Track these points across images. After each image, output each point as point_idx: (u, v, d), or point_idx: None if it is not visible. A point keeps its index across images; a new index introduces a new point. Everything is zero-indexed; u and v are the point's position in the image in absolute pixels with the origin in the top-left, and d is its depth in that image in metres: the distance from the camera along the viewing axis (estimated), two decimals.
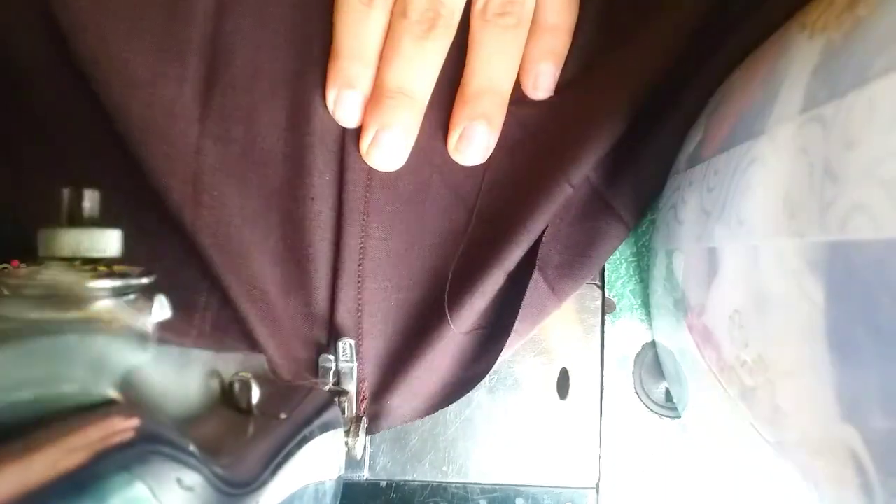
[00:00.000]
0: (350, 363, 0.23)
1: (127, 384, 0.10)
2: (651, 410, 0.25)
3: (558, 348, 0.25)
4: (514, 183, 0.24)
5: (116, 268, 0.13)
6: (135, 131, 0.22)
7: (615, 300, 0.26)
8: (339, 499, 0.16)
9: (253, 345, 0.23)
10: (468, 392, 0.24)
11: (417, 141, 0.23)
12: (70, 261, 0.12)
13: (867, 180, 0.11)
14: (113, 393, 0.09)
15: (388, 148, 0.22)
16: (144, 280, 0.13)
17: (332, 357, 0.23)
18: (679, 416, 0.25)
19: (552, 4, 0.23)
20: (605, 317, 0.26)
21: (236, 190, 0.23)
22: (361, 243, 0.24)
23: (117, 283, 0.12)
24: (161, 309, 0.11)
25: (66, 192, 0.13)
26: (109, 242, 0.12)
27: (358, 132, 0.23)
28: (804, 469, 0.13)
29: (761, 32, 0.19)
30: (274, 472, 0.12)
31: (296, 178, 0.23)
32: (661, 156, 0.23)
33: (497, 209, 0.24)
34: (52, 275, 0.12)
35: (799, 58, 0.15)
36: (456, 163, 0.24)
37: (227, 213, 0.23)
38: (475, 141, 0.23)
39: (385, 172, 0.24)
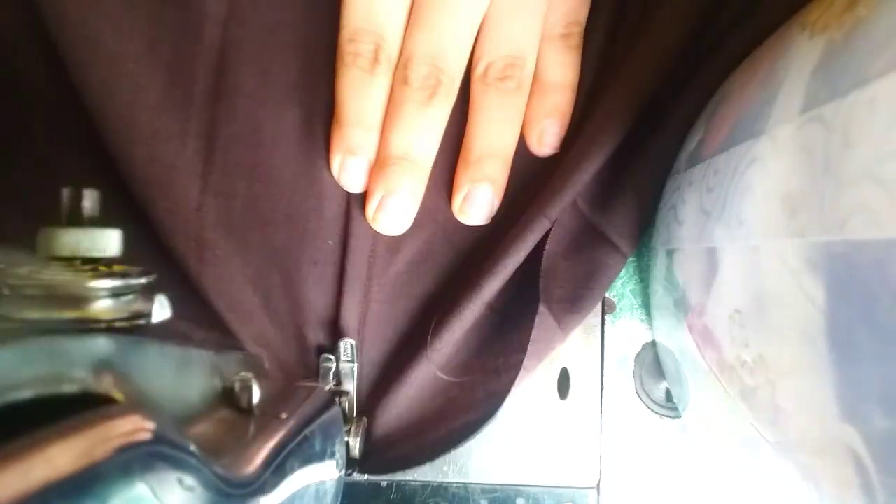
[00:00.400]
0: (351, 363, 0.23)
1: (127, 384, 0.10)
2: (651, 410, 0.25)
3: (558, 348, 0.25)
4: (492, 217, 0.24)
5: (116, 268, 0.13)
6: (137, 185, 0.22)
7: (615, 300, 0.26)
8: (339, 499, 0.16)
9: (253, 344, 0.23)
10: (474, 434, 0.23)
11: (422, 201, 0.24)
12: (70, 261, 0.12)
13: (867, 180, 0.11)
14: (113, 393, 0.09)
15: (394, 213, 0.23)
16: (144, 280, 0.13)
17: (332, 357, 0.23)
18: (679, 416, 0.25)
19: (554, 62, 0.23)
20: (606, 317, 0.26)
21: (238, 248, 0.23)
22: (363, 308, 0.24)
23: (117, 283, 0.12)
24: (161, 309, 0.11)
25: (65, 192, 0.13)
26: (109, 242, 0.12)
27: (362, 196, 0.23)
28: (804, 469, 0.13)
29: (761, 32, 0.19)
30: (275, 472, 0.12)
31: (299, 240, 0.23)
32: (650, 182, 0.23)
33: (475, 241, 0.24)
34: (52, 275, 0.12)
35: (799, 58, 0.15)
36: (459, 221, 0.24)
37: (229, 271, 0.23)
38: (479, 203, 0.23)
39: (389, 237, 0.24)
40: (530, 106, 0.24)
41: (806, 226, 0.13)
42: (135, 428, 0.09)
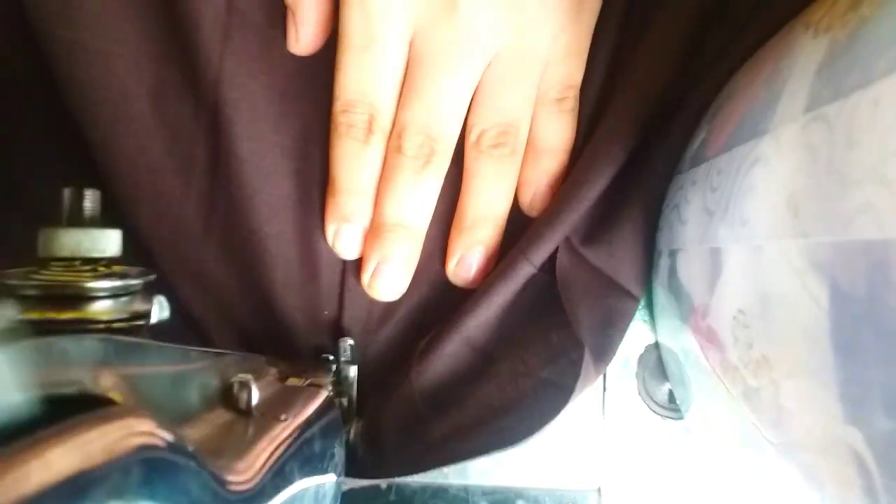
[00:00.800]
0: (351, 364, 0.23)
1: (126, 385, 0.09)
2: (654, 412, 0.25)
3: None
4: None
5: (116, 268, 0.12)
6: (143, 234, 0.23)
7: None
8: (339, 500, 0.16)
9: (252, 346, 0.23)
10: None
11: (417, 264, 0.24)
12: (70, 261, 0.12)
13: (872, 180, 0.11)
14: (112, 394, 0.09)
15: (390, 279, 0.23)
16: (143, 281, 0.13)
17: (332, 358, 0.23)
18: (682, 418, 0.25)
19: (549, 127, 0.23)
20: None
21: (232, 326, 0.24)
22: (358, 378, 0.24)
23: (117, 283, 0.12)
24: (160, 309, 0.11)
25: (66, 192, 0.13)
26: (109, 243, 0.12)
27: (357, 264, 0.24)
28: (807, 470, 0.13)
29: (764, 32, 0.19)
30: (274, 473, 0.11)
31: (296, 312, 0.24)
32: (646, 217, 0.23)
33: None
34: (52, 275, 0.12)
35: (803, 57, 0.15)
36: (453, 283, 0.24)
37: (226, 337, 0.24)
38: (472, 267, 0.23)
39: (385, 303, 0.24)
40: (524, 169, 0.24)
41: (810, 226, 0.13)
42: (133, 430, 0.09)
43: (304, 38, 0.22)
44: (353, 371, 0.23)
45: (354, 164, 0.22)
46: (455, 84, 0.22)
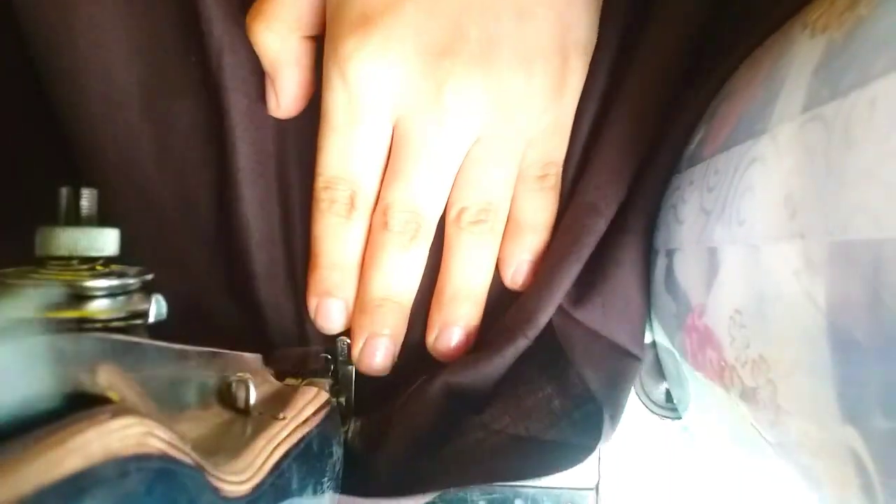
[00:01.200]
0: (349, 364, 0.23)
1: (123, 384, 0.09)
2: (651, 411, 0.25)
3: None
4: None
5: (114, 267, 0.12)
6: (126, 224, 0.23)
7: None
8: (336, 500, 0.16)
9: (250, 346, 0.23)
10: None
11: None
12: (67, 260, 0.12)
13: (869, 180, 0.11)
14: (109, 393, 0.09)
15: (380, 354, 0.23)
16: (141, 280, 0.13)
17: (330, 357, 0.23)
18: (679, 417, 0.25)
19: (530, 204, 0.24)
20: None
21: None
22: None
23: (114, 282, 0.12)
24: (158, 308, 0.11)
25: (63, 191, 0.13)
26: (107, 241, 0.12)
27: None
28: (805, 470, 0.13)
29: (761, 33, 0.19)
30: (273, 474, 0.11)
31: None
32: (640, 274, 0.23)
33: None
34: (50, 274, 0.12)
35: (800, 57, 0.15)
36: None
37: None
38: (451, 343, 0.23)
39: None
40: (505, 245, 0.24)
41: (807, 226, 0.13)
42: (131, 429, 0.09)
43: (283, 104, 0.23)
44: (351, 370, 0.23)
45: (336, 239, 0.22)
46: (439, 165, 0.22)
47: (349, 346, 0.23)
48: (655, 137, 0.23)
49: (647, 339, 0.25)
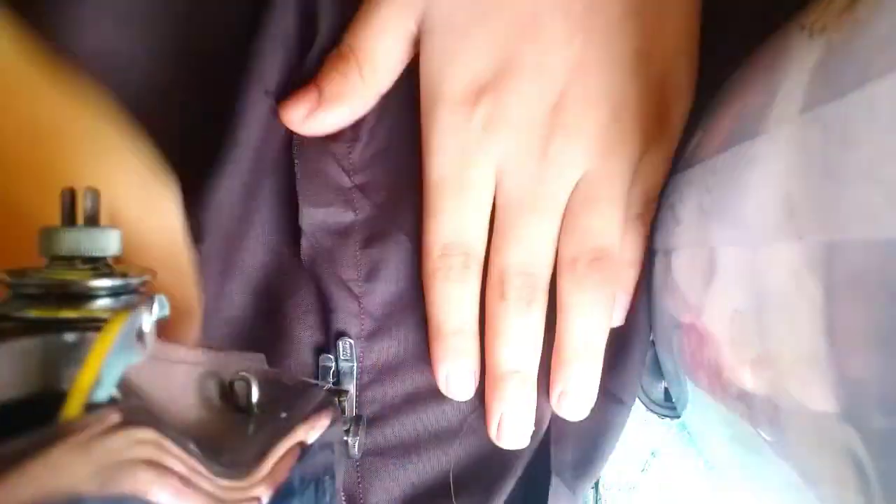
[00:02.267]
0: (350, 362, 0.23)
1: (126, 383, 0.09)
2: (650, 409, 0.25)
3: None
4: None
5: (116, 267, 0.12)
6: None
7: None
8: (336, 499, 0.16)
9: (252, 345, 0.23)
10: None
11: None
12: (69, 260, 0.12)
13: (866, 181, 0.11)
14: (114, 392, 0.09)
15: (518, 427, 0.23)
16: (144, 279, 0.13)
17: (331, 356, 0.23)
18: (678, 416, 0.25)
19: (627, 241, 0.23)
20: None
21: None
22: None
23: (117, 282, 0.12)
24: (161, 308, 0.11)
25: (65, 192, 0.13)
26: (109, 242, 0.12)
27: None
28: (804, 469, 0.13)
29: (760, 34, 0.19)
30: (275, 472, 0.11)
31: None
32: (637, 326, 0.23)
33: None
34: (52, 274, 0.12)
35: (798, 58, 0.15)
36: None
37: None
38: (577, 399, 0.23)
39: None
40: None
41: (805, 226, 0.13)
42: (133, 426, 0.09)
43: (316, 121, 0.22)
44: (352, 370, 0.23)
45: (457, 305, 0.22)
46: (548, 221, 0.22)
47: (350, 346, 0.23)
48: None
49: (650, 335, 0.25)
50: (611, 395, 0.23)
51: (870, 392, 0.11)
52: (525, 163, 0.22)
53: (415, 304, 0.24)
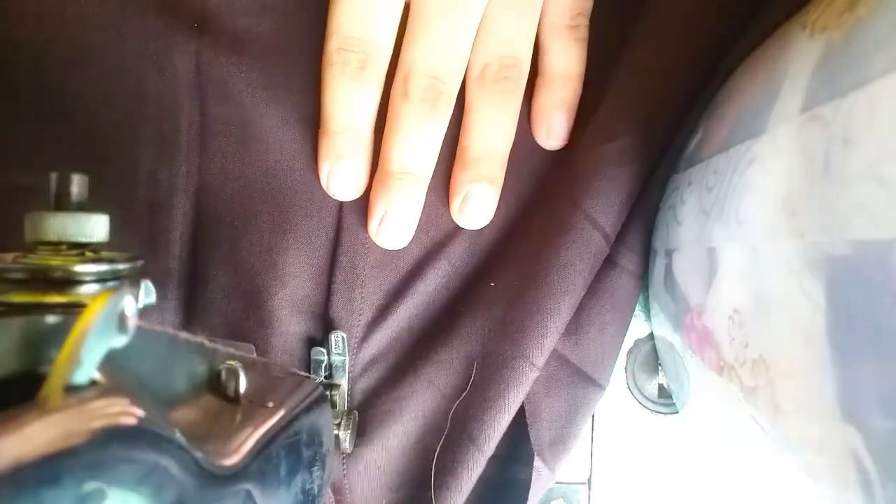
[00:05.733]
0: (342, 356, 0.23)
1: (110, 366, 0.09)
2: (643, 406, 0.25)
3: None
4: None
5: (103, 253, 0.12)
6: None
7: None
8: (326, 490, 0.16)
9: (242, 337, 0.23)
10: None
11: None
12: (57, 245, 0.12)
13: (867, 180, 0.11)
14: (95, 375, 0.09)
15: (397, 228, 0.22)
16: (131, 265, 0.12)
17: (324, 350, 0.23)
18: (672, 413, 0.25)
19: (561, 54, 0.23)
20: None
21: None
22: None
23: (103, 267, 0.12)
24: (147, 294, 0.11)
25: (53, 177, 0.13)
26: (96, 227, 0.12)
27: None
28: (805, 467, 0.13)
29: (761, 33, 0.19)
30: (260, 460, 0.11)
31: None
32: (620, 312, 0.23)
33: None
34: (39, 259, 0.12)
35: (799, 57, 0.15)
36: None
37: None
38: (479, 203, 0.23)
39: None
40: (538, 99, 0.23)
41: (806, 226, 0.13)
42: (115, 410, 0.08)
43: None
44: (344, 363, 0.23)
45: (347, 103, 0.22)
46: (460, 22, 0.21)
47: (343, 339, 0.23)
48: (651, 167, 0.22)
49: (645, 332, 0.25)
50: (581, 372, 0.23)
51: (871, 392, 0.11)
52: None
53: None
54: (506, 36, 0.22)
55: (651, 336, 0.24)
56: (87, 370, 0.09)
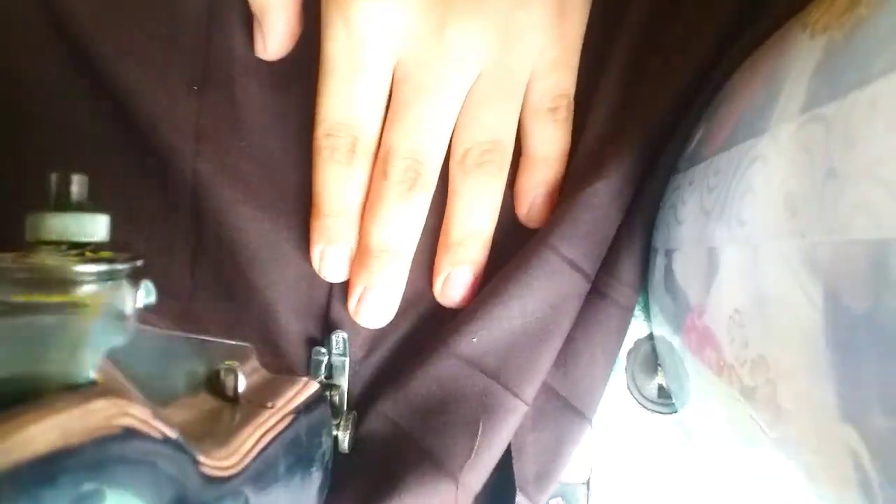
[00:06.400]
0: (343, 357, 0.23)
1: (109, 366, 0.09)
2: (643, 406, 0.25)
3: None
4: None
5: (103, 253, 0.12)
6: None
7: None
8: (325, 491, 0.16)
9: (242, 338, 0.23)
10: None
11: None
12: (57, 245, 0.12)
13: (868, 180, 0.11)
14: (94, 374, 0.09)
15: (376, 306, 0.23)
16: (131, 265, 0.12)
17: (324, 350, 0.23)
18: (671, 412, 0.25)
19: (543, 137, 0.23)
20: None
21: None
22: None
23: (103, 267, 0.12)
24: (147, 294, 0.11)
25: (54, 177, 0.13)
26: (97, 227, 0.12)
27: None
28: (804, 467, 0.13)
29: (762, 34, 0.19)
30: (258, 460, 0.11)
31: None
32: (610, 344, 0.23)
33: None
34: (39, 258, 0.12)
35: (800, 57, 0.15)
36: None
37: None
38: (459, 285, 0.23)
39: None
40: (520, 180, 0.24)
41: (806, 226, 0.13)
42: (114, 410, 0.08)
43: (271, 46, 0.23)
44: (344, 363, 0.23)
45: (338, 186, 0.22)
46: (441, 105, 0.22)
47: (343, 340, 0.23)
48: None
49: (644, 332, 0.25)
50: (568, 404, 0.23)
51: (871, 392, 0.11)
52: (422, 45, 0.21)
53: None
54: (488, 120, 0.22)
55: (651, 336, 0.24)
56: (87, 370, 0.09)
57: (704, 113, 0.21)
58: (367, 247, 0.22)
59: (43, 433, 0.07)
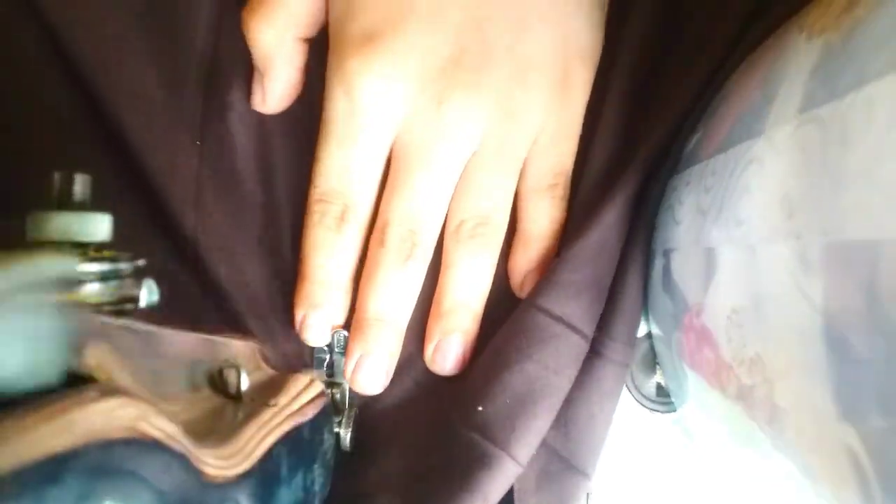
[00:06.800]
0: (344, 355, 0.23)
1: (111, 366, 0.09)
2: (642, 405, 0.25)
3: None
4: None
5: (106, 252, 0.12)
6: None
7: None
8: (327, 488, 0.16)
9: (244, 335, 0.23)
10: None
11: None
12: (59, 244, 0.12)
13: (865, 181, 0.11)
14: (97, 373, 0.09)
15: (372, 373, 0.23)
16: (133, 265, 0.12)
17: (326, 348, 0.23)
18: (671, 411, 0.25)
19: (539, 213, 0.23)
20: None
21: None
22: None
23: (106, 267, 0.12)
24: (149, 293, 0.11)
25: (56, 176, 0.13)
26: (99, 227, 0.12)
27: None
28: (802, 466, 0.13)
29: (759, 36, 0.19)
30: (261, 459, 0.11)
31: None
32: (607, 401, 0.23)
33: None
34: (41, 258, 0.12)
35: (797, 59, 0.15)
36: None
37: None
38: (449, 353, 0.23)
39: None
40: (513, 256, 0.24)
41: (803, 226, 0.13)
42: (116, 410, 0.08)
43: (269, 101, 0.23)
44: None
45: (324, 253, 0.22)
46: (438, 178, 0.22)
47: (345, 338, 0.23)
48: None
49: (643, 331, 0.25)
50: (570, 465, 0.23)
51: (868, 391, 0.11)
52: (421, 118, 0.21)
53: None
54: (484, 194, 0.23)
55: (649, 335, 0.24)
56: (89, 369, 0.09)
57: (702, 114, 0.21)
58: (363, 315, 0.22)
59: (45, 433, 0.07)
